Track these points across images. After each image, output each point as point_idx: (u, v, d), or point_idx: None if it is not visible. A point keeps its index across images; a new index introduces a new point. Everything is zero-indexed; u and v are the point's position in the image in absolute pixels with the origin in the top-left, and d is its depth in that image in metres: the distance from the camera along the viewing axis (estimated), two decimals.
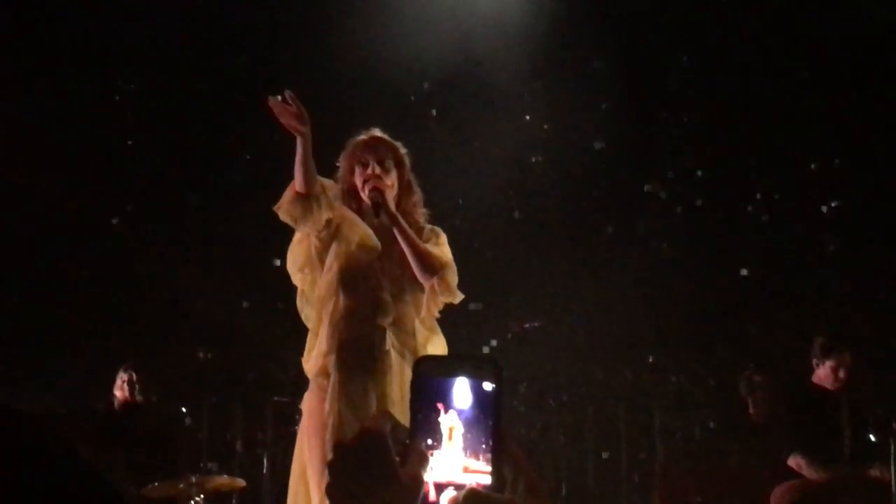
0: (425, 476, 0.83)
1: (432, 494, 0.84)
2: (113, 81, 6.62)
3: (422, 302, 3.18)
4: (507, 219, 6.91)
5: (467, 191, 6.54)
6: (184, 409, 5.69)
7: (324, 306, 3.16)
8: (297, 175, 3.04)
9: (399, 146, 3.28)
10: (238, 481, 4.86)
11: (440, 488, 0.84)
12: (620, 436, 6.43)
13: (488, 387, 0.85)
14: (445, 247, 3.24)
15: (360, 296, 3.14)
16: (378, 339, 3.12)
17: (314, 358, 3.17)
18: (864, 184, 6.34)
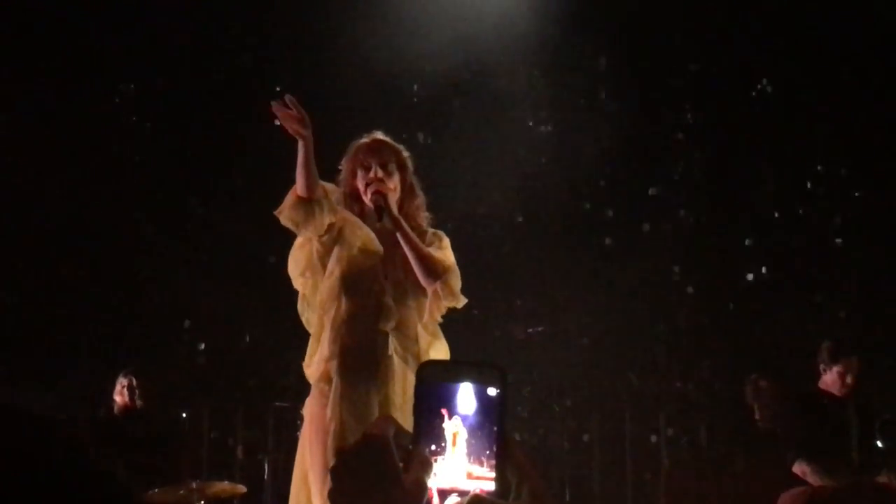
0: (429, 482, 0.83)
1: (436, 501, 0.83)
2: (114, 84, 6.62)
3: (425, 306, 3.16)
4: (511, 222, 6.89)
5: (471, 194, 6.52)
6: (184, 414, 5.67)
7: (326, 311, 3.14)
8: (299, 179, 3.02)
9: (402, 149, 3.26)
10: (239, 487, 4.84)
11: (444, 494, 0.84)
12: (625, 441, 6.40)
13: (492, 392, 0.85)
14: (448, 251, 3.21)
15: (363, 300, 3.12)
16: (380, 344, 3.10)
17: (316, 363, 3.14)
18: (874, 187, 6.31)
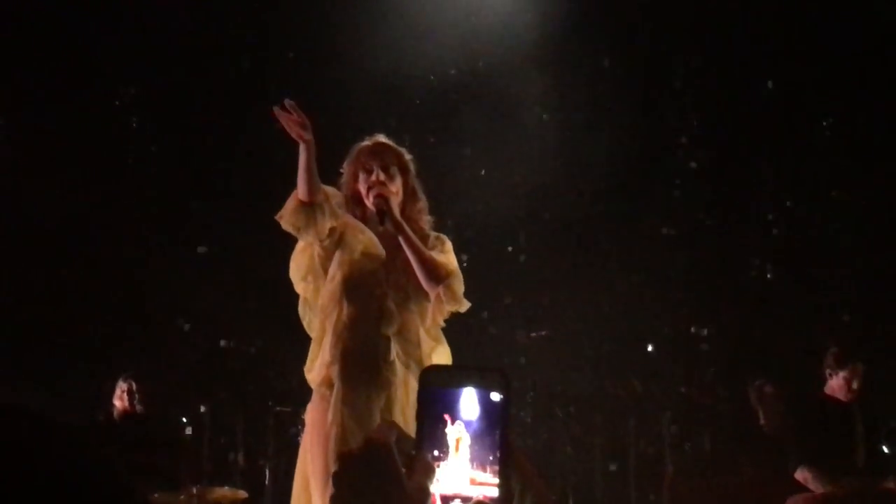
0: (432, 488, 0.82)
1: None
2: (114, 85, 6.62)
3: (427, 311, 3.14)
4: (514, 226, 6.87)
5: (472, 198, 6.51)
6: (184, 419, 5.66)
7: (327, 315, 3.13)
8: (301, 183, 3.01)
9: (404, 152, 3.25)
10: (240, 493, 4.84)
11: (447, 501, 0.83)
12: (629, 447, 6.38)
13: (496, 397, 0.85)
14: (451, 254, 3.20)
15: (364, 304, 3.10)
16: (382, 349, 3.09)
17: (317, 368, 3.13)
18: (880, 190, 6.27)
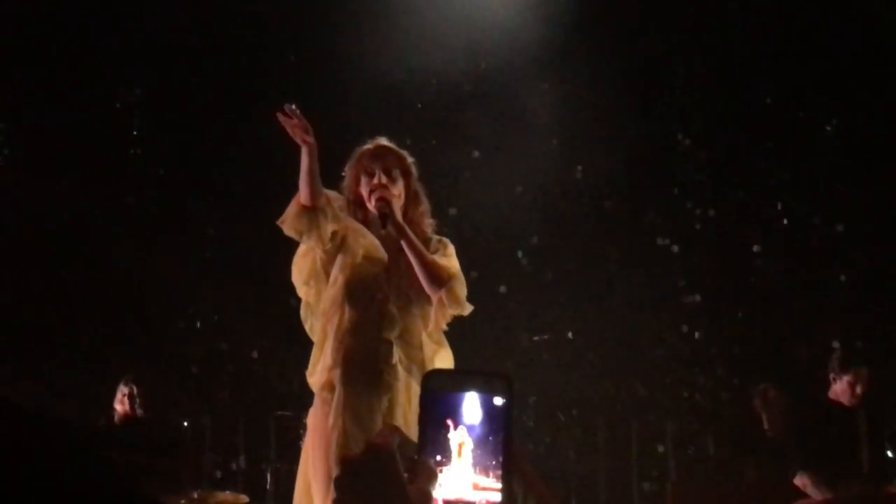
0: (434, 493, 0.82)
1: None
2: (115, 87, 6.62)
3: (429, 314, 3.13)
4: (516, 229, 6.86)
5: (475, 201, 6.50)
6: (185, 423, 5.65)
7: (329, 319, 3.12)
8: (303, 187, 3.01)
9: (406, 155, 3.24)
10: (241, 497, 4.83)
11: None
12: (632, 451, 6.36)
13: (498, 401, 0.84)
14: (453, 258, 3.19)
15: (366, 308, 3.09)
16: (384, 353, 3.08)
17: (319, 372, 3.12)
18: (884, 191, 6.25)
